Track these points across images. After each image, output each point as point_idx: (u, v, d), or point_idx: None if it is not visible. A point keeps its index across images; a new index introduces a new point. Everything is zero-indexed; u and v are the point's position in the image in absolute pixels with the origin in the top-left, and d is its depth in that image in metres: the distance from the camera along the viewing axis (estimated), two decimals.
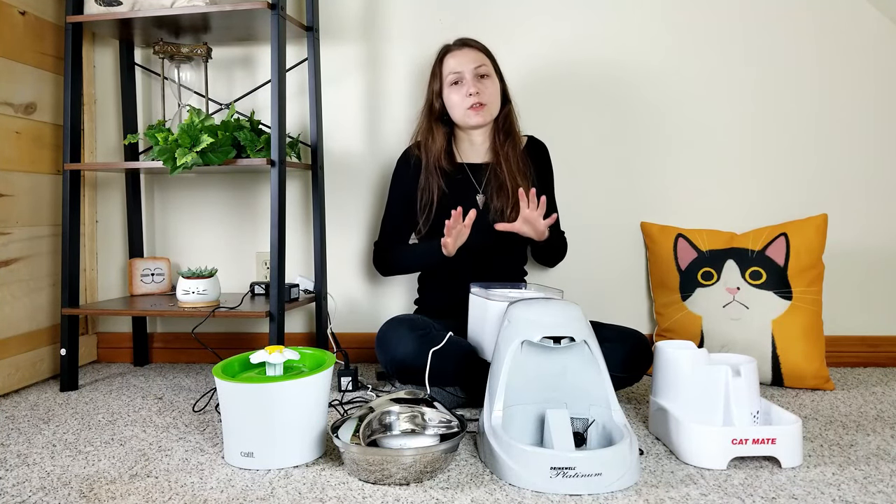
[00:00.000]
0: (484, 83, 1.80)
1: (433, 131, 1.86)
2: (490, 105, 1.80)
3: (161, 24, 1.91)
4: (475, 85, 1.78)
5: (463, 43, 1.84)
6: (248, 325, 2.22)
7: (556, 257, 1.94)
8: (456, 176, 1.84)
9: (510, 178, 1.80)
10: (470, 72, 1.79)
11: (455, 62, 1.80)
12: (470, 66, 1.79)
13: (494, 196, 1.81)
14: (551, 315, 1.33)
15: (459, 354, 1.59)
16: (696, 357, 1.35)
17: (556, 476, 1.14)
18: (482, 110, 1.79)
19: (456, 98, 1.80)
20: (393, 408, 1.29)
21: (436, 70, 1.85)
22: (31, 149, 1.95)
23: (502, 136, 1.85)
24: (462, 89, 1.79)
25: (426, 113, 1.87)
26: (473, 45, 1.84)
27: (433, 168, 1.83)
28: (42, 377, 1.98)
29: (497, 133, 1.86)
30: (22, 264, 1.91)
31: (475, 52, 1.82)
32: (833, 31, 2.01)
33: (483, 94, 1.78)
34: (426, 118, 1.87)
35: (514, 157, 1.83)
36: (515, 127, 1.88)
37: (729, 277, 1.91)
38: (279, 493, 1.17)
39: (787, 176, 2.04)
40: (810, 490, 1.16)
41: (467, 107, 1.78)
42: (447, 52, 1.84)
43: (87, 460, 1.34)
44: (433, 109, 1.86)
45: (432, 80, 1.86)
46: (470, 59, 1.80)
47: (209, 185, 2.21)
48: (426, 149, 1.86)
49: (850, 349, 2.04)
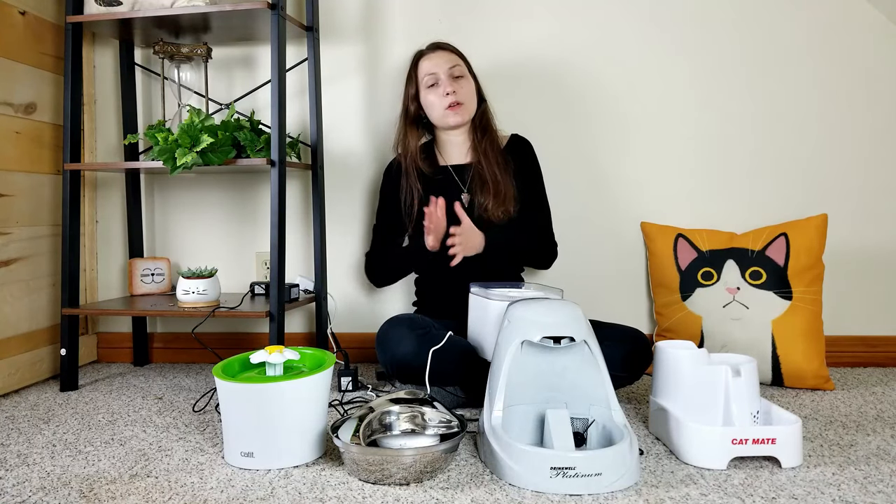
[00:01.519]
0: (459, 83, 1.84)
1: (408, 134, 1.91)
2: (467, 104, 1.85)
3: (161, 24, 1.92)
4: (451, 85, 1.82)
5: (436, 46, 1.90)
6: (248, 325, 2.22)
7: (533, 260, 1.94)
8: (437, 177, 1.88)
9: (489, 173, 1.84)
10: (445, 72, 1.83)
11: (430, 64, 1.85)
12: (444, 66, 1.84)
13: (478, 192, 1.84)
14: (551, 315, 1.33)
15: (459, 354, 1.59)
16: (696, 357, 1.35)
17: (556, 476, 1.14)
18: (459, 109, 1.83)
19: (433, 99, 1.84)
20: (393, 408, 1.29)
21: (411, 74, 1.90)
22: (31, 149, 1.95)
23: (480, 133, 1.89)
24: (439, 90, 1.84)
25: (402, 117, 1.93)
26: (446, 47, 1.90)
27: (411, 169, 1.88)
28: (42, 377, 1.98)
29: (475, 131, 1.90)
30: (22, 264, 1.91)
31: (448, 54, 1.87)
32: (832, 31, 2.01)
33: (459, 93, 1.83)
34: (402, 122, 1.93)
35: (493, 153, 1.87)
36: (492, 124, 1.92)
37: (729, 277, 1.91)
38: (279, 493, 1.17)
39: (787, 176, 2.04)
40: (810, 490, 1.16)
41: (445, 106, 1.83)
42: (421, 56, 1.89)
43: (87, 460, 1.34)
44: (409, 113, 1.91)
45: (408, 85, 1.91)
46: (444, 61, 1.85)
47: (209, 185, 2.21)
48: (403, 151, 1.91)
49: (850, 349, 2.04)
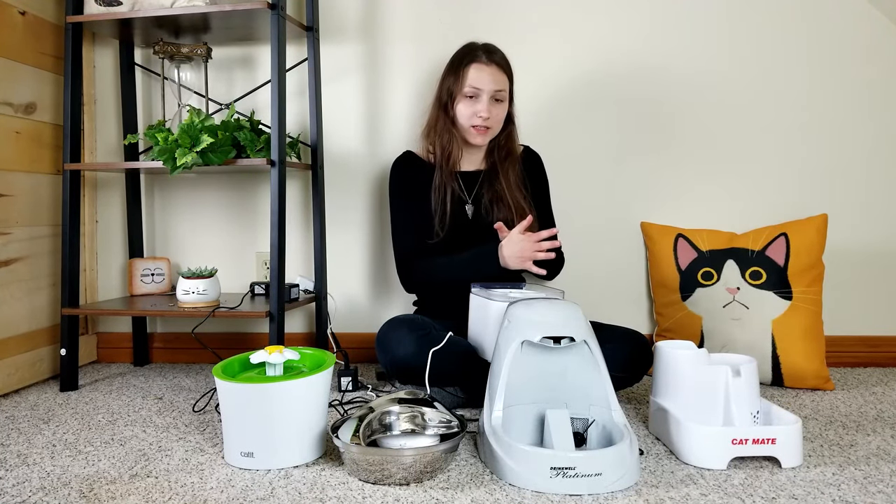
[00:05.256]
0: (496, 107, 1.78)
1: (449, 130, 1.81)
2: (493, 129, 1.80)
3: (161, 24, 1.91)
4: (489, 109, 1.75)
5: (491, 59, 1.77)
6: (248, 325, 2.22)
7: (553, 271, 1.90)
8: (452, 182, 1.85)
9: (509, 193, 1.81)
10: (488, 93, 1.75)
11: (478, 77, 1.75)
12: (490, 87, 1.75)
13: (494, 208, 1.81)
14: (551, 315, 1.33)
15: (459, 354, 1.59)
16: (696, 357, 1.35)
17: (556, 476, 1.14)
18: (486, 133, 1.79)
19: (466, 111, 1.77)
20: (393, 408, 1.29)
21: (458, 72, 1.77)
22: (31, 149, 1.95)
23: (503, 154, 1.85)
24: (475, 105, 1.76)
25: (441, 110, 1.82)
26: (500, 63, 1.78)
27: (450, 169, 1.82)
28: (42, 377, 1.98)
29: (496, 150, 1.86)
30: (22, 264, 1.91)
31: (500, 74, 1.77)
32: (832, 30, 2.01)
33: (492, 118, 1.77)
34: (441, 116, 1.82)
35: (514, 175, 1.84)
36: (515, 146, 1.87)
37: (729, 277, 1.91)
38: (279, 493, 1.17)
39: (787, 176, 2.04)
40: (810, 490, 1.16)
41: (472, 125, 1.78)
42: (473, 61, 1.76)
43: (87, 460, 1.34)
44: (447, 109, 1.81)
45: (451, 80, 1.78)
46: (493, 81, 1.75)
47: (209, 185, 2.21)
48: (441, 145, 1.81)
49: (850, 349, 2.04)
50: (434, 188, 1.82)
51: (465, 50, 1.80)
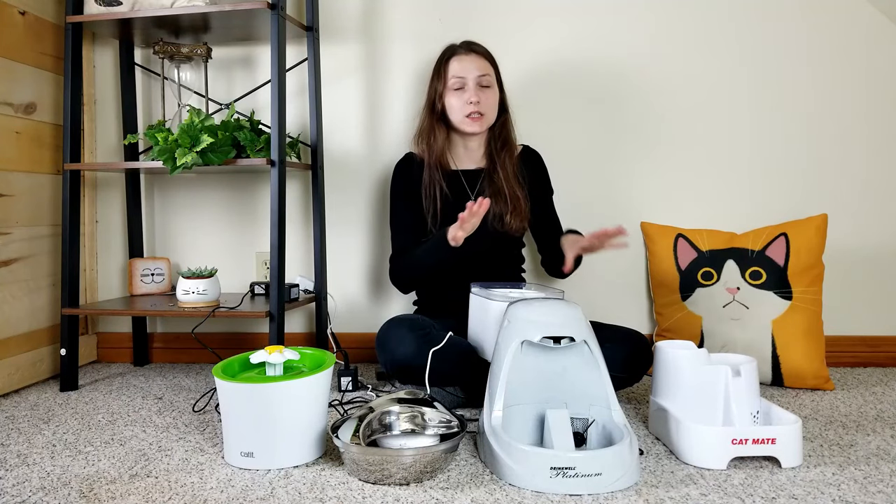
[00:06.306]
0: (485, 93, 1.80)
1: (435, 131, 1.85)
2: (487, 115, 1.81)
3: (161, 24, 1.91)
4: (476, 94, 1.78)
5: (469, 48, 1.83)
6: (248, 325, 2.22)
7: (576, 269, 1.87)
8: (451, 180, 1.85)
9: (508, 189, 1.81)
10: (473, 80, 1.78)
11: (460, 67, 1.80)
12: (474, 73, 1.79)
13: (492, 202, 1.81)
14: (551, 315, 1.33)
15: (459, 354, 1.59)
16: (696, 357, 1.35)
17: (556, 476, 1.14)
18: (480, 120, 1.80)
19: (456, 103, 1.80)
20: (393, 408, 1.29)
21: (440, 71, 1.83)
22: (31, 149, 1.95)
23: (499, 144, 1.86)
24: (463, 95, 1.79)
25: (428, 112, 1.86)
26: (479, 50, 1.83)
27: (436, 166, 1.83)
28: (42, 377, 1.98)
29: (493, 141, 1.87)
30: (22, 264, 1.91)
31: (480, 60, 1.81)
32: (832, 31, 2.01)
33: (483, 103, 1.79)
34: (428, 117, 1.86)
35: (511, 165, 1.84)
36: (512, 136, 1.88)
37: (729, 277, 1.91)
38: (279, 493, 1.17)
39: (787, 176, 2.04)
40: (810, 490, 1.16)
41: (465, 114, 1.79)
42: (452, 55, 1.82)
43: (87, 460, 1.34)
44: (435, 110, 1.84)
45: (436, 81, 1.84)
46: (475, 67, 1.79)
47: (209, 185, 2.21)
48: (429, 146, 1.85)
49: (850, 349, 2.04)
50: (423, 187, 1.83)
51: (445, 49, 1.86)
